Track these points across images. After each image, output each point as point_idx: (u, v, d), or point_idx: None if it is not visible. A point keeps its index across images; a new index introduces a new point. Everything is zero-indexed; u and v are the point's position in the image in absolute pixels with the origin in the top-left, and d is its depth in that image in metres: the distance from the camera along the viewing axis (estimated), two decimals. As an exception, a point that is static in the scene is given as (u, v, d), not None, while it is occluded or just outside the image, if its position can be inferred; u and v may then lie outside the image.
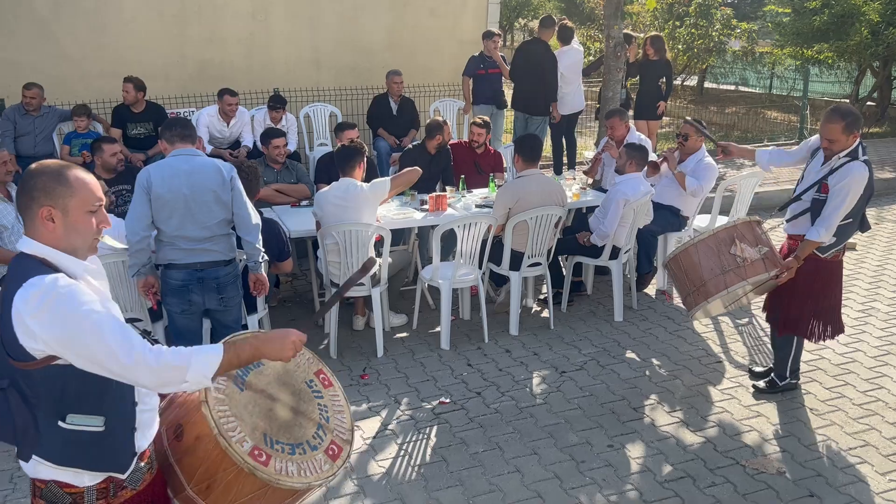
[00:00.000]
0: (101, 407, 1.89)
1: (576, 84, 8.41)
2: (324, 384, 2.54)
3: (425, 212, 5.54)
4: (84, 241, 1.92)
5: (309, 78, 8.75)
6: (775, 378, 4.49)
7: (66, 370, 1.81)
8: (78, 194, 1.89)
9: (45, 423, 1.85)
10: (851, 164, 3.87)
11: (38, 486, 1.95)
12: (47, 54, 7.70)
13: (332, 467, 2.31)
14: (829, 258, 4.12)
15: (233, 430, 2.13)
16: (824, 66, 13.47)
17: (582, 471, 3.75)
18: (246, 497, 2.16)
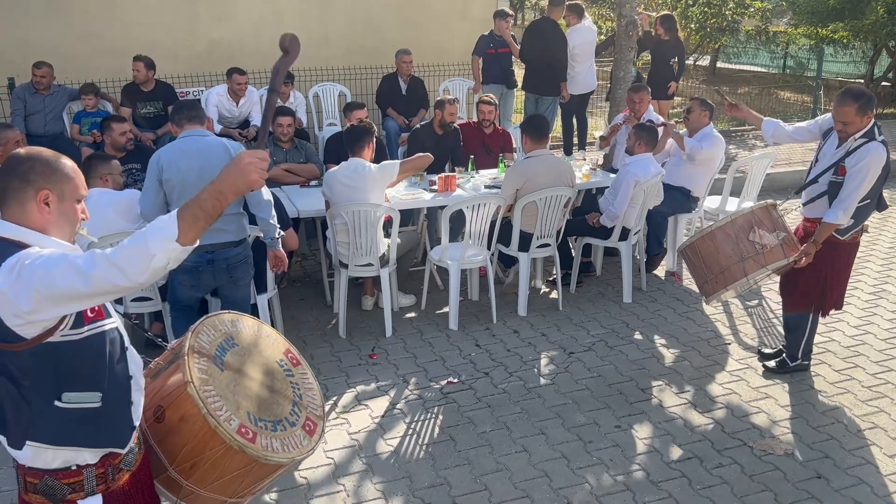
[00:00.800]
0: (97, 383, 1.87)
1: (588, 63, 8.32)
2: (293, 363, 2.59)
3: (434, 192, 5.53)
4: (71, 228, 1.92)
5: (318, 57, 8.70)
6: (786, 358, 4.48)
7: (59, 347, 1.78)
8: (72, 182, 1.90)
9: (39, 405, 1.80)
10: (869, 146, 3.83)
11: (31, 482, 1.89)
12: (57, 33, 7.69)
13: (311, 442, 2.38)
14: (847, 240, 4.10)
15: (220, 409, 2.15)
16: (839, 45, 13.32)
17: (589, 451, 3.76)
18: (231, 474, 2.21)
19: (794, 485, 3.51)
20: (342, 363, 4.62)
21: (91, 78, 7.36)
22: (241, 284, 4.11)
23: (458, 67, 9.27)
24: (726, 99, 4.59)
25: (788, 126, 4.43)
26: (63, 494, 1.89)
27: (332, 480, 3.53)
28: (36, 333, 1.74)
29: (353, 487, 3.48)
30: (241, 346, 2.44)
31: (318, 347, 4.83)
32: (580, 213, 5.70)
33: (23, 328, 1.72)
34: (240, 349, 2.42)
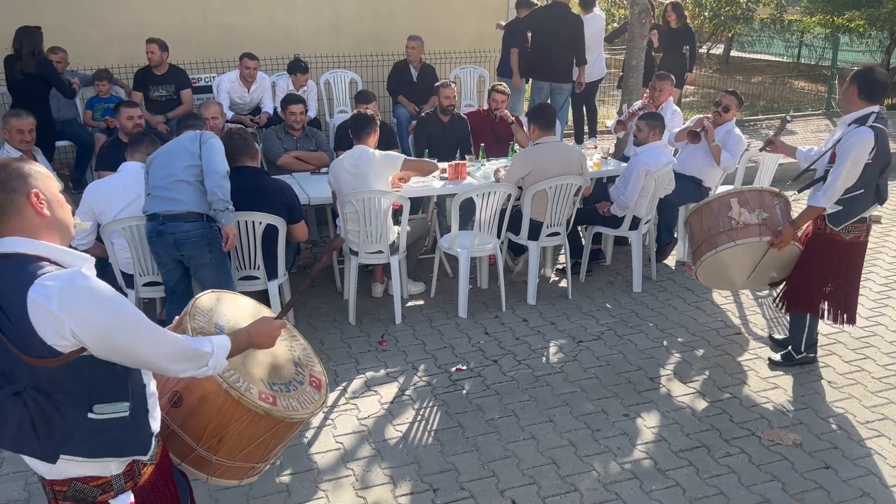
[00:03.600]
0: (125, 393, 1.89)
1: (597, 52, 8.27)
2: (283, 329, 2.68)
3: (444, 180, 5.53)
4: (69, 220, 1.91)
5: (330, 44, 8.70)
6: (791, 351, 4.47)
7: (95, 361, 1.80)
8: (48, 175, 1.89)
9: (73, 418, 1.81)
10: (856, 130, 3.83)
11: (59, 490, 1.90)
12: (70, 18, 7.71)
13: (321, 396, 2.50)
14: (849, 239, 4.06)
15: (238, 382, 2.23)
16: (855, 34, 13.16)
17: (597, 439, 3.78)
18: (258, 440, 2.31)
19: (802, 475, 3.52)
20: (352, 349, 4.65)
21: (103, 64, 7.38)
22: (200, 265, 4.12)
23: (469, 55, 9.24)
24: (771, 141, 4.49)
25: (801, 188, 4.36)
26: (94, 496, 1.92)
27: (341, 465, 3.56)
28: (72, 350, 1.75)
29: (361, 472, 3.51)
30: (232, 320, 2.50)
31: (328, 334, 4.86)
32: (590, 202, 5.68)
33: (62, 347, 1.74)
34: (233, 323, 2.47)
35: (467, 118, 6.58)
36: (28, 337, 1.72)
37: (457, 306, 5.14)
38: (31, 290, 1.71)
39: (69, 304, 1.70)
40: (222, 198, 4.03)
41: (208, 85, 7.84)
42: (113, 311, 1.76)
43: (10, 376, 1.77)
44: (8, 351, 1.74)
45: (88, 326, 1.72)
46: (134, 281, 4.37)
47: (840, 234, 4.04)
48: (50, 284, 1.71)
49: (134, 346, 1.80)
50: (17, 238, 1.80)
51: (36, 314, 1.70)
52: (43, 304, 1.69)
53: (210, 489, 3.30)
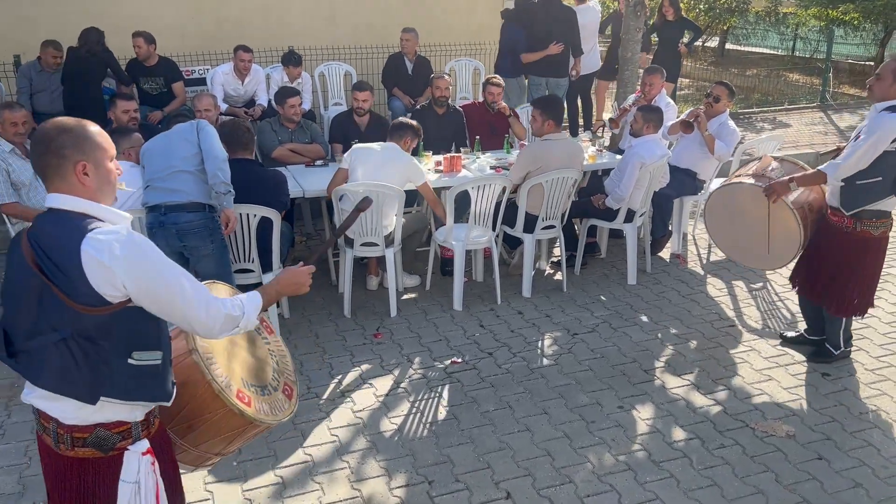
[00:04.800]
0: (159, 343, 2.05)
1: (591, 43, 8.26)
2: (268, 331, 2.75)
3: (439, 173, 5.52)
4: (112, 189, 2.04)
5: (325, 36, 8.66)
6: (830, 347, 4.43)
7: (138, 311, 1.95)
8: (102, 146, 2.00)
9: (114, 363, 1.95)
10: (886, 114, 3.79)
11: (79, 437, 2.00)
12: (63, 10, 7.66)
13: (290, 405, 2.55)
14: (878, 235, 4.03)
15: (221, 376, 2.29)
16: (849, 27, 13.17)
17: (591, 431, 3.79)
18: (224, 434, 2.39)
19: (796, 466, 3.54)
20: (347, 342, 4.65)
21: (96, 56, 7.33)
22: (202, 255, 4.13)
23: (465, 47, 9.22)
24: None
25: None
26: (114, 443, 2.03)
27: (336, 458, 3.57)
28: (120, 300, 1.91)
29: (356, 465, 3.52)
30: None
31: (323, 326, 4.86)
32: (586, 195, 5.69)
33: (112, 297, 1.89)
34: None
35: (463, 111, 6.57)
36: (79, 286, 1.85)
37: (452, 299, 5.14)
38: (83, 243, 1.85)
39: (121, 258, 1.85)
40: (224, 180, 4.03)
41: (202, 77, 7.80)
42: (159, 268, 1.92)
43: (58, 323, 1.88)
44: (57, 299, 1.86)
45: (136, 280, 1.87)
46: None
47: (869, 230, 4.00)
48: (103, 238, 1.86)
49: (174, 302, 1.94)
50: (63, 195, 1.95)
51: (90, 266, 1.84)
52: (96, 256, 1.84)
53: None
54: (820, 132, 9.91)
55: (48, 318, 1.89)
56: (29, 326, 1.92)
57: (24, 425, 3.77)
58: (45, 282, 1.87)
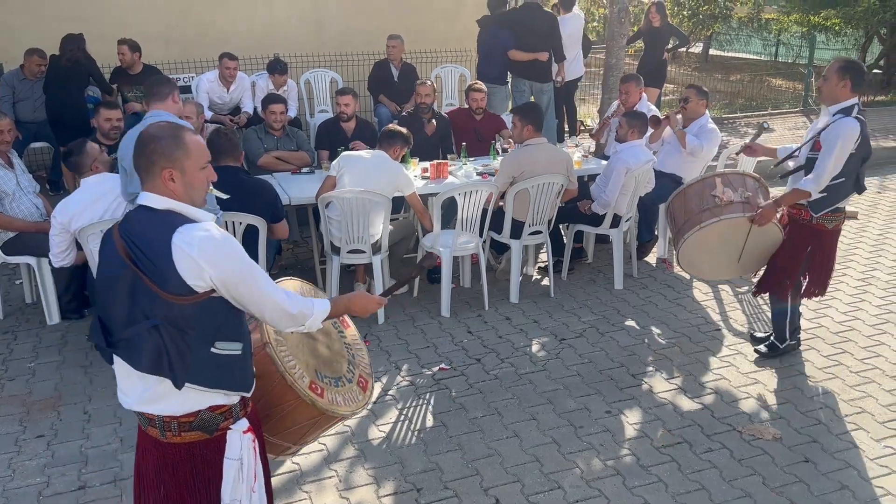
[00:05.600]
0: (239, 334, 2.18)
1: (575, 51, 8.30)
2: (344, 326, 2.87)
3: (426, 180, 5.52)
4: (199, 194, 2.17)
5: (310, 43, 8.66)
6: (775, 341, 4.53)
7: (221, 303, 2.09)
8: (192, 156, 2.12)
9: (199, 351, 2.08)
10: (843, 120, 3.90)
11: (185, 422, 2.15)
12: (46, 18, 7.62)
13: (364, 397, 2.67)
14: (831, 229, 4.15)
15: (293, 368, 2.42)
16: (831, 32, 13.31)
17: (580, 436, 3.79)
18: (299, 425, 2.52)
19: (782, 468, 3.55)
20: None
21: (80, 64, 7.29)
22: None
23: (451, 54, 9.24)
24: (749, 146, 4.57)
25: (782, 175, 4.45)
26: (218, 423, 2.18)
27: (324, 466, 3.55)
28: (205, 290, 2.05)
29: (344, 473, 3.50)
30: None
31: (310, 334, 4.84)
32: (572, 200, 5.70)
33: (198, 287, 2.03)
34: None
35: (449, 117, 6.58)
36: (169, 278, 2.00)
37: (440, 305, 5.14)
38: (174, 236, 2.00)
39: (207, 252, 2.01)
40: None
41: (187, 85, 7.78)
42: (240, 263, 2.08)
43: (149, 312, 2.02)
44: (148, 289, 2.01)
45: (219, 271, 2.03)
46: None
47: (824, 223, 4.12)
48: (192, 233, 2.02)
49: (252, 295, 2.10)
50: (152, 195, 2.10)
51: (179, 258, 1.99)
52: (185, 249, 1.99)
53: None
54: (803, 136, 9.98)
55: (140, 308, 2.03)
56: (124, 316, 2.06)
57: (8, 437, 3.74)
58: (137, 273, 2.01)
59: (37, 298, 5.10)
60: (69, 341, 4.70)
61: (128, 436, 3.76)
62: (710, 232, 4.30)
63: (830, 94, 3.98)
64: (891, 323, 5.01)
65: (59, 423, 3.87)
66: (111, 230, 2.13)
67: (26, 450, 3.66)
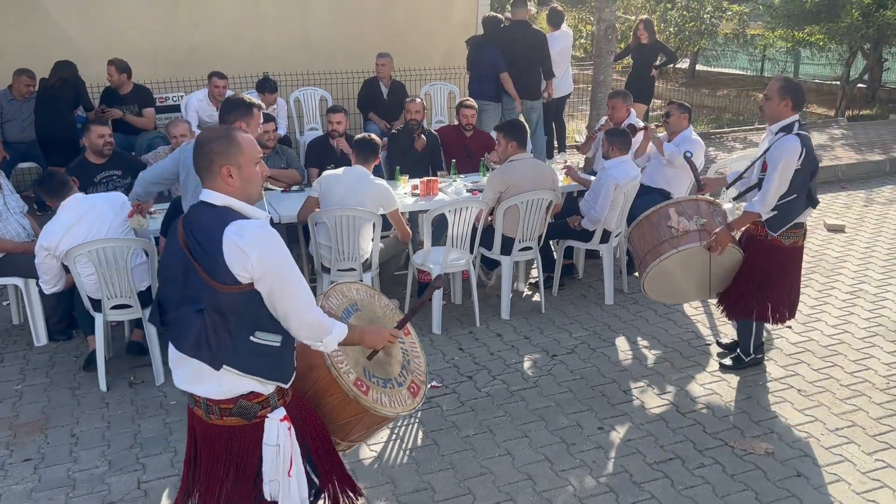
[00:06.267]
0: (279, 327, 2.31)
1: (564, 68, 8.36)
2: (405, 332, 2.93)
3: (416, 196, 5.53)
4: (255, 188, 2.34)
5: (300, 61, 8.69)
6: (741, 354, 4.58)
7: (260, 293, 2.23)
8: (246, 152, 2.30)
9: (239, 337, 2.24)
10: (785, 138, 3.97)
11: (226, 408, 2.33)
12: (36, 37, 7.62)
13: (413, 402, 2.74)
14: (789, 245, 4.19)
15: (341, 363, 2.53)
16: (815, 48, 13.45)
17: (572, 453, 3.78)
18: (344, 420, 2.61)
19: (775, 483, 3.55)
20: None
21: (69, 83, 7.28)
22: None
23: (439, 71, 9.29)
24: (700, 185, 4.59)
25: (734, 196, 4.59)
26: (255, 411, 2.34)
27: (315, 486, 3.51)
28: (249, 281, 2.20)
29: (336, 493, 3.47)
30: (363, 313, 2.84)
31: (300, 353, 4.81)
32: (561, 216, 5.72)
33: (242, 278, 2.18)
34: (362, 314, 2.82)
35: (438, 134, 6.60)
36: (218, 267, 2.17)
37: (430, 322, 5.13)
38: (227, 229, 2.18)
39: (255, 244, 2.17)
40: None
41: (176, 104, 7.78)
42: (283, 262, 2.24)
43: (197, 297, 2.21)
44: (199, 276, 2.19)
45: (261, 265, 2.18)
46: (102, 305, 4.29)
47: (780, 240, 4.17)
48: (244, 227, 2.20)
49: (283, 295, 2.24)
50: (213, 192, 2.28)
51: (228, 249, 2.17)
52: (235, 240, 2.16)
53: None
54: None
55: (190, 292, 2.22)
56: (176, 298, 2.26)
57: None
58: (191, 260, 2.20)
59: (24, 320, 5.05)
60: (57, 363, 4.66)
61: (116, 458, 3.72)
62: (670, 263, 4.33)
63: (773, 114, 4.06)
64: (880, 336, 5.03)
65: (47, 447, 3.82)
66: (177, 223, 2.33)
67: (13, 474, 3.61)
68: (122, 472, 3.62)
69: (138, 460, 3.71)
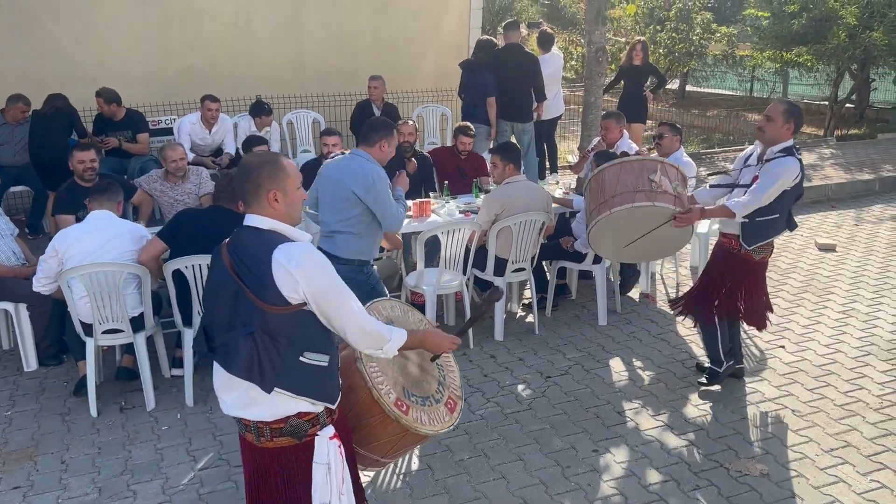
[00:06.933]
0: (327, 347, 2.37)
1: (555, 90, 8.42)
2: (447, 404, 2.87)
3: (409, 218, 5.53)
4: (297, 211, 2.41)
5: (292, 83, 8.73)
6: (713, 367, 4.57)
7: (311, 316, 2.30)
8: (290, 177, 2.36)
9: (288, 358, 2.29)
10: (787, 158, 4.01)
11: (277, 427, 2.36)
12: (30, 60, 7.64)
13: (451, 418, 2.76)
14: (758, 260, 4.27)
15: (381, 384, 2.57)
16: (804, 68, 13.59)
17: (567, 476, 3.76)
18: (385, 439, 2.66)
19: (770, 505, 3.54)
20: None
21: (61, 107, 7.29)
22: None
23: (431, 94, 9.34)
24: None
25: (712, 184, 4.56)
26: (306, 429, 2.38)
27: (308, 512, 3.48)
28: (298, 302, 2.27)
29: (329, 519, 3.43)
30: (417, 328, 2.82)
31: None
32: (554, 237, 5.73)
33: (291, 298, 2.25)
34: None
35: (430, 156, 6.62)
36: (267, 289, 2.23)
37: (424, 345, 5.11)
38: (275, 252, 2.24)
39: (303, 267, 2.24)
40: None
41: (169, 127, 7.79)
42: (331, 281, 2.30)
43: (247, 320, 2.26)
44: (248, 300, 2.25)
45: (311, 286, 2.25)
46: (93, 329, 4.26)
47: (752, 254, 4.23)
48: (292, 250, 2.26)
49: (338, 312, 2.31)
50: (258, 216, 2.35)
51: (277, 271, 2.23)
52: (284, 263, 2.23)
53: None
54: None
55: (240, 316, 2.27)
56: (225, 322, 2.31)
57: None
58: (241, 285, 2.26)
59: (14, 345, 5.01)
60: (47, 388, 4.62)
61: (106, 485, 3.68)
62: (638, 213, 4.16)
63: (774, 135, 4.06)
64: (872, 356, 5.04)
65: (36, 474, 3.78)
66: (220, 248, 2.39)
67: (2, 502, 3.56)
68: (112, 499, 3.58)
69: (129, 487, 3.67)
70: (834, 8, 11.99)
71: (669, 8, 15.33)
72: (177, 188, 5.67)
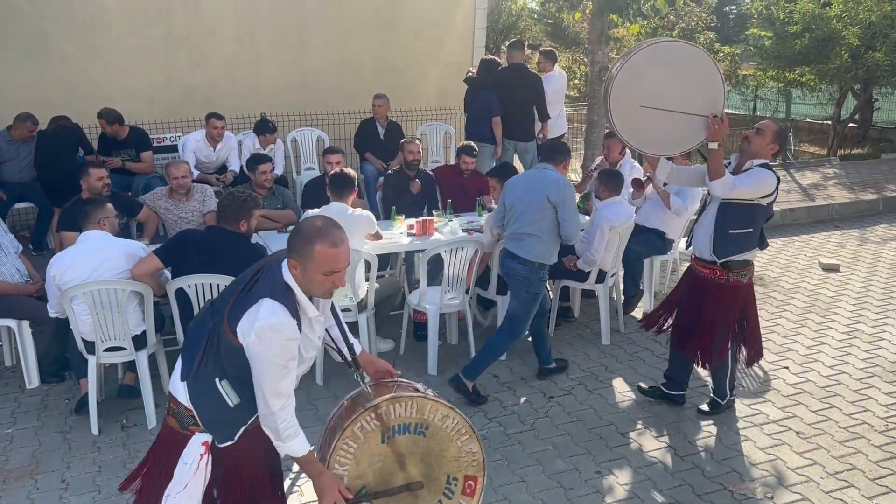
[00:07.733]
0: (244, 394, 2.43)
1: (558, 109, 8.46)
2: (464, 491, 2.58)
3: (412, 237, 5.54)
4: (316, 292, 2.44)
5: (296, 102, 8.78)
6: (717, 399, 4.54)
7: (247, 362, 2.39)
8: (315, 262, 2.35)
9: (209, 374, 2.42)
10: (766, 170, 4.02)
11: (172, 407, 2.53)
12: (33, 79, 7.70)
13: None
14: (746, 282, 4.23)
15: (341, 466, 2.46)
16: (806, 88, 13.64)
17: (570, 498, 3.73)
18: None
19: (775, 529, 3.50)
20: (319, 411, 4.56)
21: (67, 124, 7.33)
22: (513, 296, 4.73)
23: (435, 112, 9.38)
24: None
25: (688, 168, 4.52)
26: (188, 423, 2.50)
27: (309, 534, 3.46)
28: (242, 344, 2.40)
29: (330, 540, 3.40)
30: (428, 439, 2.52)
31: (295, 395, 4.76)
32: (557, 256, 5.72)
33: (240, 338, 2.37)
34: (420, 440, 2.52)
35: (434, 174, 6.64)
36: (238, 314, 2.36)
37: (426, 363, 5.10)
38: (261, 301, 2.34)
39: (257, 333, 2.31)
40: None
41: (174, 144, 7.83)
42: (269, 359, 2.33)
43: (214, 325, 2.44)
44: (223, 314, 2.42)
45: (251, 349, 2.35)
46: (95, 346, 4.26)
47: (740, 279, 4.20)
48: (263, 316, 2.32)
49: (255, 375, 2.38)
50: (287, 266, 2.41)
51: (246, 315, 2.34)
52: (252, 315, 2.33)
53: None
54: (783, 189, 10.15)
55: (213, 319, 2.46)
56: (217, 303, 2.52)
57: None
58: (238, 291, 2.44)
59: (16, 362, 5.01)
60: (48, 405, 4.61)
61: (106, 505, 3.66)
62: (689, 72, 3.95)
63: (758, 149, 4.08)
64: (877, 377, 5.01)
65: (36, 492, 3.76)
66: (267, 258, 2.57)
67: (1, 521, 3.55)
68: (112, 519, 3.56)
69: (129, 506, 3.65)
70: (836, 28, 12.05)
71: (672, 27, 15.42)
72: (181, 206, 5.69)
